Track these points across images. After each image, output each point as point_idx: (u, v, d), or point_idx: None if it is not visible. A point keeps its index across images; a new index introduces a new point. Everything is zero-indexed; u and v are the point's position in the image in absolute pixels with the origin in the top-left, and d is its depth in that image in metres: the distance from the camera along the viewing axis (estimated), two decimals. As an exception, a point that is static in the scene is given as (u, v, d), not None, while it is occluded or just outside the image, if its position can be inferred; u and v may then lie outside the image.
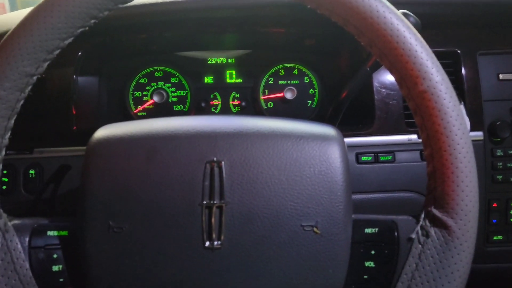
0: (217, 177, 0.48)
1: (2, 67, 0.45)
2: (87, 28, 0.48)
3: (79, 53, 0.88)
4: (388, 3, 0.47)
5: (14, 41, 0.45)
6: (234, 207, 0.48)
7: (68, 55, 0.86)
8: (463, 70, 0.89)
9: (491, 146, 0.89)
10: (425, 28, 0.70)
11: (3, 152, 0.48)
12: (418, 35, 0.47)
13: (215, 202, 0.48)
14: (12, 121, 0.48)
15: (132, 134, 0.51)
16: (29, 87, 0.47)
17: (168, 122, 0.53)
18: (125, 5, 0.49)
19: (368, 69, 0.80)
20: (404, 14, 0.67)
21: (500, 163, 0.88)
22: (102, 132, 0.52)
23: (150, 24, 0.90)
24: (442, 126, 0.46)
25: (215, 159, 0.49)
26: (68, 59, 0.87)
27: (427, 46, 0.47)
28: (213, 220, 0.48)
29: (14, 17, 0.93)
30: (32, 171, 0.83)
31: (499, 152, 0.88)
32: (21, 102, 0.48)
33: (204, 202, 0.48)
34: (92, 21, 0.47)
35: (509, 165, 0.88)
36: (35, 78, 0.47)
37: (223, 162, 0.49)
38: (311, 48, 1.04)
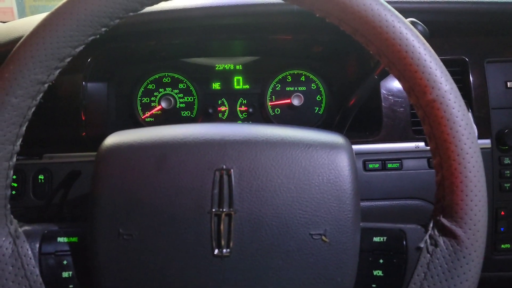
0: (226, 185, 0.49)
1: (14, 75, 0.45)
2: (98, 36, 0.48)
3: (89, 60, 0.88)
4: (396, 12, 0.47)
5: (26, 49, 0.45)
6: (243, 215, 0.48)
7: (78, 61, 0.86)
8: (470, 78, 0.89)
9: (499, 154, 0.89)
10: (432, 36, 0.71)
11: (14, 159, 0.48)
12: (427, 44, 0.47)
13: (224, 210, 0.48)
14: (24, 128, 0.48)
15: (142, 141, 0.51)
16: (41, 95, 0.48)
17: (178, 129, 0.53)
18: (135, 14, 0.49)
19: (376, 77, 0.80)
20: (412, 23, 0.68)
21: (508, 171, 0.88)
22: (112, 139, 0.52)
23: (158, 31, 0.91)
24: (451, 135, 0.46)
25: (224, 167, 0.49)
26: (78, 66, 0.87)
27: (435, 55, 0.47)
28: (222, 228, 0.48)
29: (24, 24, 0.93)
30: (41, 176, 0.84)
31: (507, 160, 0.88)
32: (33, 109, 0.48)
33: (213, 210, 0.48)
34: (103, 29, 0.48)
35: (517, 173, 0.88)
36: (46, 85, 0.48)
37: (232, 170, 0.49)
38: (319, 55, 1.04)
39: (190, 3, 0.85)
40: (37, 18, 0.91)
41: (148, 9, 0.50)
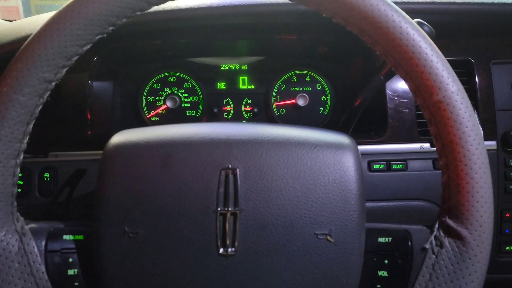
0: (232, 184, 0.49)
1: (22, 73, 0.45)
2: (105, 35, 0.49)
3: (95, 59, 0.89)
4: (403, 13, 0.47)
5: (34, 48, 0.46)
6: (248, 214, 0.48)
7: (84, 60, 0.86)
8: (476, 79, 0.89)
9: (504, 156, 0.88)
10: (439, 37, 0.70)
11: (21, 156, 0.49)
12: (434, 45, 0.47)
13: (230, 209, 0.48)
14: (31, 126, 0.48)
15: (148, 140, 0.51)
16: (48, 93, 0.48)
17: (184, 128, 0.53)
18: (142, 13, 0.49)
19: (382, 77, 0.80)
20: (419, 23, 0.67)
21: (513, 173, 0.88)
22: (118, 138, 0.53)
23: (164, 31, 0.91)
24: (458, 136, 0.46)
25: (230, 166, 0.49)
26: (84, 64, 0.87)
27: (442, 56, 0.47)
28: (227, 227, 0.48)
29: (31, 22, 0.94)
30: (46, 175, 0.84)
31: None
32: (40, 108, 0.48)
33: (219, 209, 0.48)
34: (111, 28, 0.48)
35: (522, 175, 0.88)
36: (53, 84, 0.48)
37: (238, 169, 0.49)
38: (324, 55, 1.04)
39: (196, 3, 0.86)
40: (44, 17, 0.92)
41: (154, 8, 0.50)
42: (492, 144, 0.88)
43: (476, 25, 0.90)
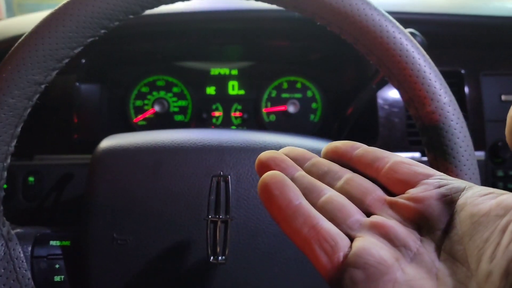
0: (223, 192, 0.48)
1: (12, 75, 0.45)
2: (96, 38, 0.48)
3: (82, 61, 0.88)
4: (397, 23, 0.47)
5: (24, 49, 0.45)
6: (240, 222, 0.48)
7: (71, 62, 0.85)
8: (466, 90, 0.89)
9: (492, 166, 0.89)
10: (429, 47, 0.71)
11: (9, 160, 0.48)
12: (427, 55, 0.48)
13: (221, 216, 0.47)
14: (19, 129, 0.47)
15: (138, 145, 0.51)
16: (37, 95, 0.47)
17: (175, 134, 0.53)
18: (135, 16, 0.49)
19: (374, 86, 0.80)
20: (411, 34, 0.68)
21: (501, 184, 0.88)
22: (108, 143, 0.52)
23: (154, 34, 0.90)
24: (449, 147, 0.46)
25: (221, 173, 0.49)
26: (71, 66, 0.86)
27: (435, 67, 0.48)
28: (218, 235, 0.47)
29: (20, 22, 0.92)
30: (31, 178, 0.83)
31: (500, 173, 0.88)
32: (28, 110, 0.47)
33: (210, 217, 0.47)
34: (102, 31, 0.48)
35: (509, 186, 0.88)
36: (43, 86, 0.47)
37: (229, 177, 0.49)
38: (315, 62, 1.04)
39: (188, 7, 0.85)
40: (33, 18, 0.91)
41: (145, 11, 0.49)
42: (480, 154, 0.88)
43: (467, 36, 0.91)
